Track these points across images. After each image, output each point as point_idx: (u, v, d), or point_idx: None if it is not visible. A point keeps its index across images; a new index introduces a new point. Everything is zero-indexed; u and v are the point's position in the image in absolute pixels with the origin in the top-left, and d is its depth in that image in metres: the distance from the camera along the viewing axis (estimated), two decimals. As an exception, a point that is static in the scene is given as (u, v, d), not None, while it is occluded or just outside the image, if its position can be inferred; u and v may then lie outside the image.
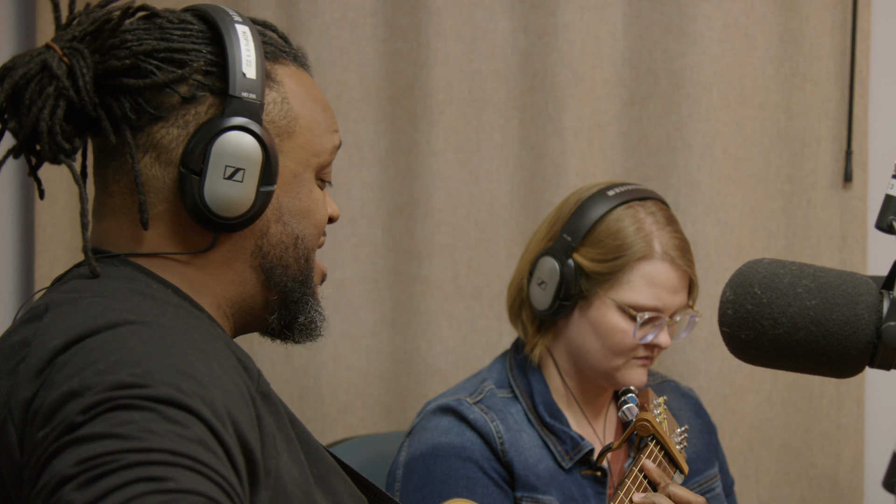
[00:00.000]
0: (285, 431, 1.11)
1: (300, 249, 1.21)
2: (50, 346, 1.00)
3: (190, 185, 1.12)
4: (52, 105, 1.10)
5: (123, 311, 1.04)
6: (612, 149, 2.40)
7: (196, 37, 1.15)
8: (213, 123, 1.12)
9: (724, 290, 1.09)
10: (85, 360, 0.97)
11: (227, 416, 0.96)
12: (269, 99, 1.17)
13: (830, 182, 2.39)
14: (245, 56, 1.14)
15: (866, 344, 1.03)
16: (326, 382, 2.40)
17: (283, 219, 1.18)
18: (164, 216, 1.15)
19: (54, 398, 0.94)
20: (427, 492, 1.75)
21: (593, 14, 2.37)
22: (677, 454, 1.62)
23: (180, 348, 1.00)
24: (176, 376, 0.95)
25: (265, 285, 1.20)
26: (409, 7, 2.39)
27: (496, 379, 1.88)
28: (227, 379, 1.01)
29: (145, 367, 0.95)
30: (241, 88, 1.13)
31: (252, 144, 1.13)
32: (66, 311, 1.06)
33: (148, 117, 1.13)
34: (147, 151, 1.13)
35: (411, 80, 2.39)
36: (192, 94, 1.13)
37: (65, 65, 1.11)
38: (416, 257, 2.40)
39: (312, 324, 1.24)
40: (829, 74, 2.37)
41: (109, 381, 0.93)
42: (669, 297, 1.79)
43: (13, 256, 2.43)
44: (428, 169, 2.38)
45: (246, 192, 1.13)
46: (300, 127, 1.19)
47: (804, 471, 2.41)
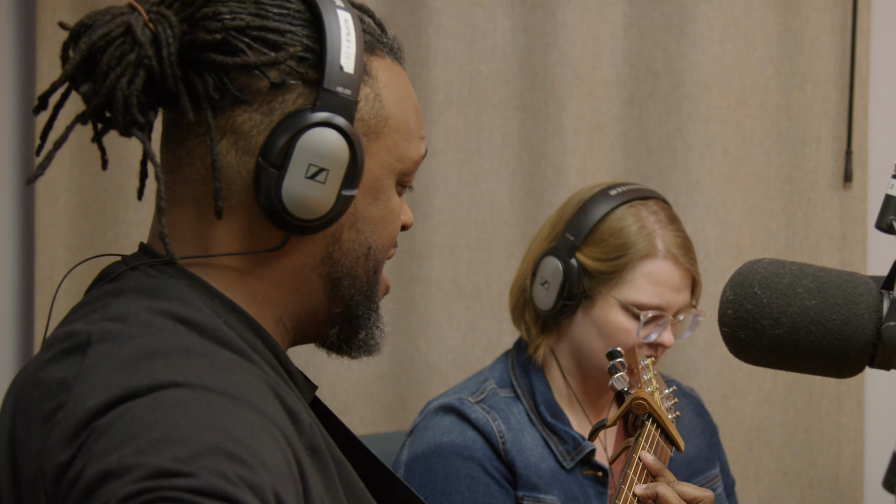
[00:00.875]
0: (333, 490, 1.04)
1: (371, 260, 1.12)
2: (88, 406, 0.91)
3: (267, 179, 1.02)
4: (132, 74, 1.00)
5: (170, 364, 0.94)
6: (612, 149, 2.40)
7: (294, 17, 1.05)
8: (302, 116, 1.03)
9: (723, 290, 1.09)
10: (125, 432, 0.88)
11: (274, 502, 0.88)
12: (362, 95, 1.07)
13: (830, 182, 2.39)
14: (345, 46, 1.04)
15: (866, 344, 1.03)
16: (327, 382, 2.40)
17: (357, 225, 1.10)
18: (234, 210, 1.06)
19: (91, 475, 0.86)
20: (429, 491, 1.75)
21: (593, 14, 2.37)
22: (673, 429, 1.60)
23: (227, 421, 0.91)
24: (221, 460, 0.86)
25: (330, 296, 1.11)
26: (409, 7, 2.39)
27: (498, 378, 1.88)
28: (276, 455, 0.92)
29: (188, 448, 0.86)
30: (336, 82, 1.03)
31: (340, 144, 1.03)
32: (108, 352, 0.96)
33: (231, 98, 1.03)
34: (225, 135, 1.04)
35: (411, 80, 2.37)
36: (281, 80, 1.03)
37: (149, 31, 1.00)
38: (416, 257, 2.40)
39: (372, 340, 1.16)
40: (829, 74, 2.37)
41: (151, 465, 0.84)
42: (672, 296, 1.80)
43: (13, 256, 2.43)
44: (428, 169, 2.38)
45: (327, 195, 1.04)
46: (389, 128, 1.10)
47: (804, 471, 2.41)
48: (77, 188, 2.36)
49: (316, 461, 1.02)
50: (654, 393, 1.59)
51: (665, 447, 1.60)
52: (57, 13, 2.32)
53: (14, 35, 2.40)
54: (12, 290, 2.43)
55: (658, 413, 1.56)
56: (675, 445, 1.60)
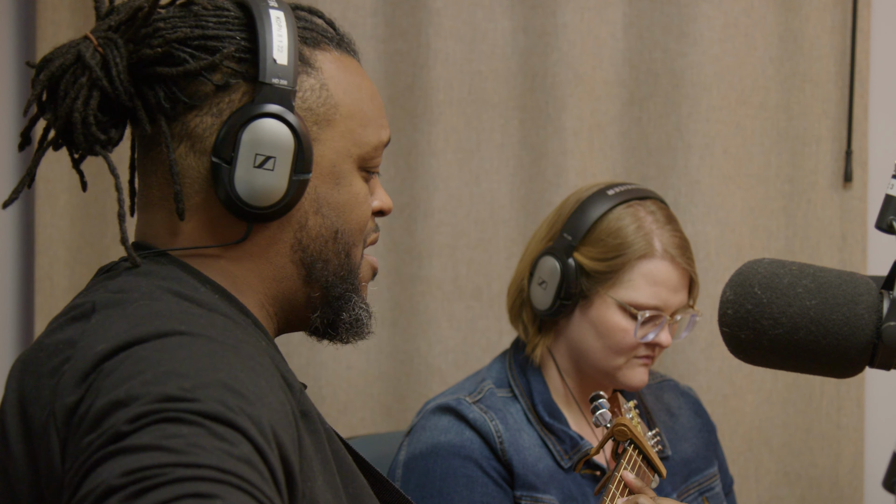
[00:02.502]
0: (322, 452, 1.09)
1: (340, 244, 1.17)
2: (97, 350, 0.98)
3: (222, 175, 1.10)
4: (86, 95, 1.08)
5: (173, 320, 1.02)
6: (612, 149, 2.40)
7: (231, 23, 1.13)
8: (243, 111, 1.10)
9: (723, 290, 1.09)
10: (132, 368, 0.95)
11: (272, 436, 0.94)
12: (307, 85, 1.14)
13: (830, 182, 2.39)
14: (277, 41, 1.11)
15: (866, 344, 1.03)
16: (326, 382, 2.41)
17: (321, 211, 1.15)
18: (199, 207, 1.13)
19: (100, 406, 0.92)
20: (427, 491, 1.75)
21: (593, 14, 2.37)
22: (655, 457, 1.63)
23: (228, 363, 0.98)
24: (223, 392, 0.93)
25: (306, 280, 1.17)
26: (409, 7, 2.39)
27: (495, 378, 1.88)
28: (273, 397, 0.99)
29: (193, 380, 0.93)
30: (271, 74, 1.10)
31: (282, 131, 1.10)
32: (114, 313, 1.04)
33: (182, 106, 1.11)
34: (182, 141, 1.11)
35: (411, 80, 2.39)
36: (225, 82, 1.11)
37: (99, 55, 1.09)
38: (416, 257, 2.40)
39: (358, 321, 1.21)
40: (829, 74, 2.37)
41: (157, 392, 0.91)
42: (670, 296, 1.80)
43: (13, 256, 2.43)
44: (428, 169, 2.38)
45: (277, 181, 1.10)
46: (340, 115, 1.16)
47: (804, 471, 2.41)
48: (77, 188, 2.36)
49: (307, 424, 1.07)
50: (637, 426, 1.61)
51: (647, 472, 1.63)
52: (57, 13, 2.32)
53: (14, 35, 2.40)
54: (12, 290, 2.43)
55: (639, 440, 1.58)
56: (657, 472, 1.63)
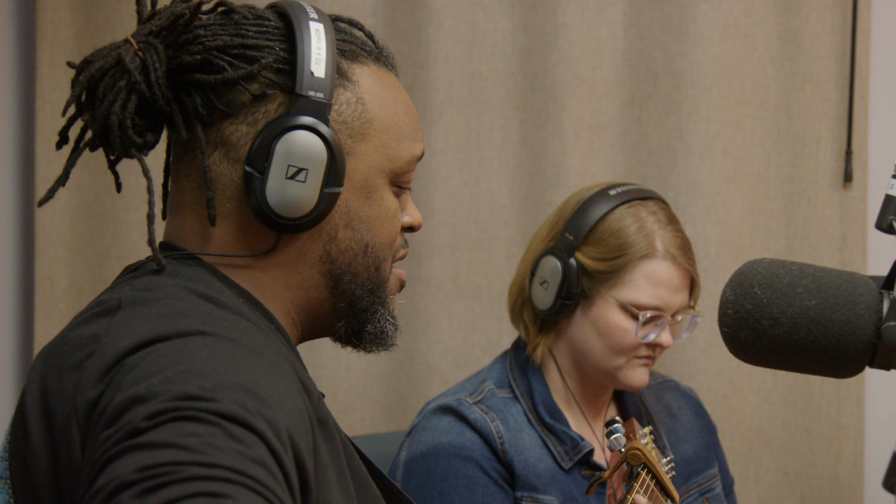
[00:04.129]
0: (338, 461, 1.09)
1: (370, 258, 1.18)
2: (119, 346, 0.99)
3: (254, 184, 1.11)
4: (124, 99, 1.09)
5: (196, 320, 1.03)
6: (612, 149, 2.40)
7: (271, 33, 1.14)
8: (279, 122, 1.11)
9: (723, 290, 1.09)
10: (154, 365, 0.95)
11: (288, 441, 0.94)
12: (343, 99, 1.15)
13: (830, 182, 2.39)
14: (315, 54, 1.12)
15: (866, 344, 1.03)
16: (326, 382, 2.41)
17: (351, 224, 1.16)
18: (231, 215, 1.14)
19: (120, 401, 0.93)
20: (427, 491, 1.75)
21: (593, 14, 2.37)
22: (668, 482, 1.62)
23: (249, 366, 0.98)
24: (242, 394, 0.93)
25: (333, 292, 1.18)
26: (409, 7, 2.39)
27: (496, 379, 1.88)
28: (292, 402, 0.99)
29: (213, 380, 0.94)
30: (308, 87, 1.11)
31: (316, 144, 1.11)
32: (138, 311, 1.04)
33: (219, 114, 1.12)
34: (216, 148, 1.13)
35: (411, 80, 2.39)
36: (262, 92, 1.12)
37: (138, 59, 1.10)
38: (416, 257, 2.40)
39: (382, 333, 1.23)
40: (829, 74, 2.37)
41: (177, 390, 0.92)
42: (671, 296, 1.80)
43: (13, 256, 2.43)
44: (428, 169, 2.38)
45: (308, 193, 1.11)
46: (375, 129, 1.17)
47: (804, 471, 2.41)
48: (77, 188, 2.36)
49: (323, 432, 1.07)
50: (652, 451, 1.61)
51: (660, 497, 1.62)
52: (57, 13, 2.32)
53: (14, 35, 2.40)
54: (12, 290, 2.43)
55: (652, 464, 1.58)
56: (669, 497, 1.63)
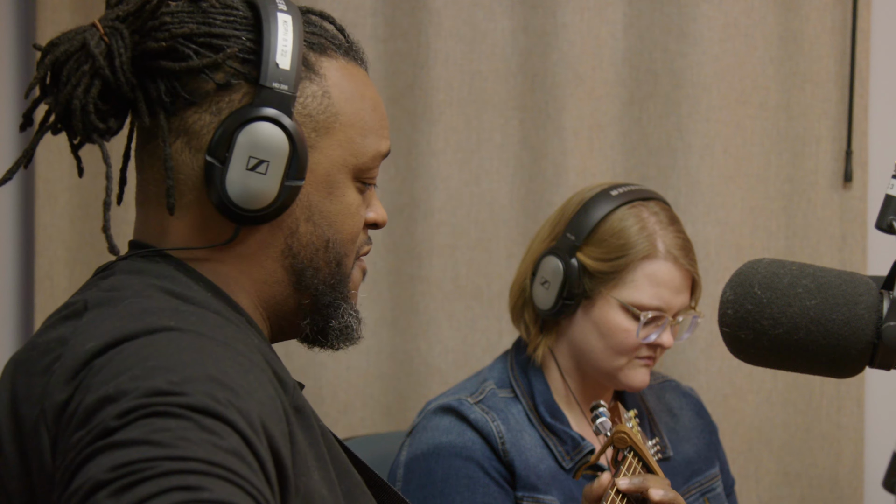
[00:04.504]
0: (317, 448, 1.09)
1: (331, 253, 1.17)
2: (87, 348, 0.99)
3: (214, 175, 1.10)
4: (87, 83, 1.08)
5: (163, 316, 1.02)
6: (612, 149, 2.40)
7: (239, 23, 1.13)
8: (241, 112, 1.09)
9: (723, 290, 1.09)
10: (122, 364, 0.95)
11: (261, 429, 0.94)
12: (309, 91, 1.14)
13: (830, 182, 2.39)
14: (281, 45, 1.11)
15: (866, 344, 1.03)
16: (326, 382, 2.40)
17: (312, 219, 1.15)
18: (191, 206, 1.13)
19: (90, 402, 0.93)
20: (428, 491, 1.75)
21: (593, 14, 2.37)
22: (654, 464, 1.62)
23: (218, 358, 0.98)
24: (212, 386, 0.93)
25: (296, 287, 1.17)
26: (409, 7, 2.39)
27: (497, 379, 1.88)
28: (263, 391, 0.99)
29: (182, 374, 0.93)
30: (272, 78, 1.10)
31: (278, 136, 1.09)
32: (104, 312, 1.04)
33: (182, 102, 1.11)
34: (179, 136, 1.11)
35: (411, 80, 2.39)
36: (227, 82, 1.11)
37: (104, 43, 1.09)
38: (416, 257, 2.40)
39: (348, 328, 1.22)
40: (829, 74, 2.37)
41: (146, 386, 0.91)
42: (672, 297, 1.80)
43: (13, 256, 2.43)
44: (428, 169, 2.38)
45: (269, 185, 1.10)
46: (340, 124, 1.15)
47: (804, 471, 2.41)
48: (77, 188, 2.36)
49: (300, 419, 1.07)
50: (637, 434, 1.61)
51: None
52: (57, 13, 2.32)
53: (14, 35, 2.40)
54: (12, 290, 2.43)
55: (639, 447, 1.58)
56: None
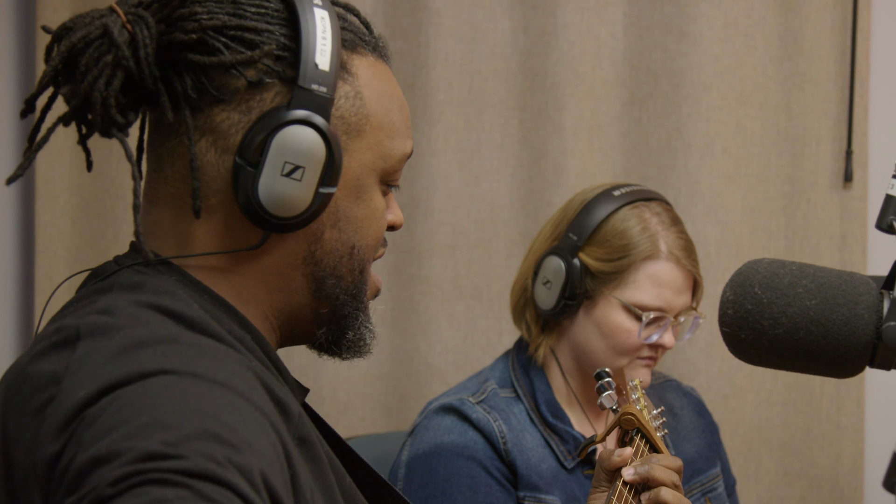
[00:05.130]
0: (323, 479, 1.05)
1: (355, 260, 1.12)
2: (79, 395, 0.92)
3: (244, 178, 1.03)
4: (109, 75, 1.01)
5: (158, 353, 0.95)
6: (612, 149, 2.40)
7: (271, 16, 1.06)
8: (277, 114, 1.03)
9: (724, 291, 1.09)
10: (114, 418, 0.89)
11: (262, 485, 0.89)
12: (342, 92, 1.08)
13: (830, 182, 2.39)
14: (320, 44, 1.05)
15: (866, 344, 1.03)
16: (327, 382, 2.41)
17: (339, 224, 1.10)
18: (215, 209, 1.06)
19: (81, 462, 0.87)
20: (430, 491, 1.75)
21: (593, 14, 2.37)
22: (662, 446, 1.61)
23: (215, 406, 0.92)
24: (209, 443, 0.87)
25: (315, 296, 1.11)
26: (409, 7, 2.39)
27: (499, 379, 1.88)
28: (262, 439, 0.93)
29: (177, 432, 0.87)
30: (311, 80, 1.04)
31: (316, 142, 1.04)
32: (97, 345, 0.97)
33: (209, 98, 1.04)
34: (204, 134, 1.05)
35: (411, 80, 2.39)
36: (259, 79, 1.04)
37: (127, 32, 1.02)
38: (416, 257, 2.40)
39: (361, 340, 1.16)
40: (829, 74, 2.37)
41: (140, 448, 0.85)
42: (674, 297, 1.80)
43: (13, 256, 2.43)
44: (428, 169, 2.38)
45: (304, 192, 1.04)
46: (371, 126, 1.10)
47: (804, 471, 2.41)
48: (77, 188, 2.36)
49: (305, 450, 1.03)
50: (643, 410, 1.60)
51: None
52: (57, 13, 2.32)
53: (14, 35, 2.40)
54: (12, 290, 2.43)
55: (646, 428, 1.57)
56: None
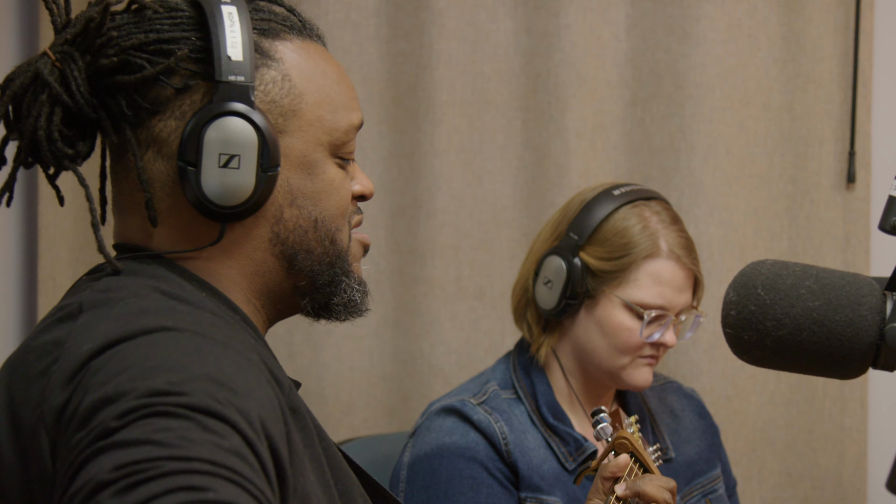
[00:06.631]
0: (313, 448, 1.09)
1: (321, 231, 1.17)
2: (84, 349, 0.98)
3: (188, 178, 1.10)
4: (48, 112, 1.09)
5: (159, 316, 1.02)
6: (615, 150, 2.40)
7: (186, 24, 1.12)
8: (203, 112, 1.09)
9: (727, 292, 1.09)
10: (120, 365, 0.94)
11: (261, 429, 0.94)
12: (268, 78, 1.13)
13: (833, 183, 2.39)
14: (230, 37, 1.10)
15: (869, 345, 1.03)
16: (329, 383, 2.41)
17: (296, 202, 1.15)
18: (170, 211, 1.13)
19: (89, 403, 0.92)
20: (432, 492, 1.75)
21: (596, 15, 2.37)
22: (655, 469, 1.62)
23: (216, 357, 0.98)
24: (212, 385, 0.93)
25: (290, 272, 1.17)
26: (412, 8, 2.39)
27: (500, 380, 1.88)
28: (261, 391, 0.99)
29: (181, 374, 0.93)
30: (227, 72, 1.09)
31: (244, 128, 1.09)
32: (100, 313, 1.04)
33: (145, 112, 1.11)
34: (149, 147, 1.12)
35: (414, 81, 2.39)
36: (184, 84, 1.10)
37: (57, 70, 1.10)
38: (418, 258, 2.40)
39: (352, 302, 1.21)
40: (832, 75, 2.37)
41: (145, 387, 0.91)
42: (675, 296, 1.80)
43: (17, 257, 2.44)
44: (431, 170, 2.38)
45: (245, 179, 1.10)
46: (307, 104, 1.15)
47: (807, 472, 2.41)
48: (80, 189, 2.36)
49: (296, 420, 1.07)
50: (638, 440, 1.62)
51: None
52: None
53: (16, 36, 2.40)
54: (15, 291, 2.43)
55: (639, 452, 1.59)
56: None
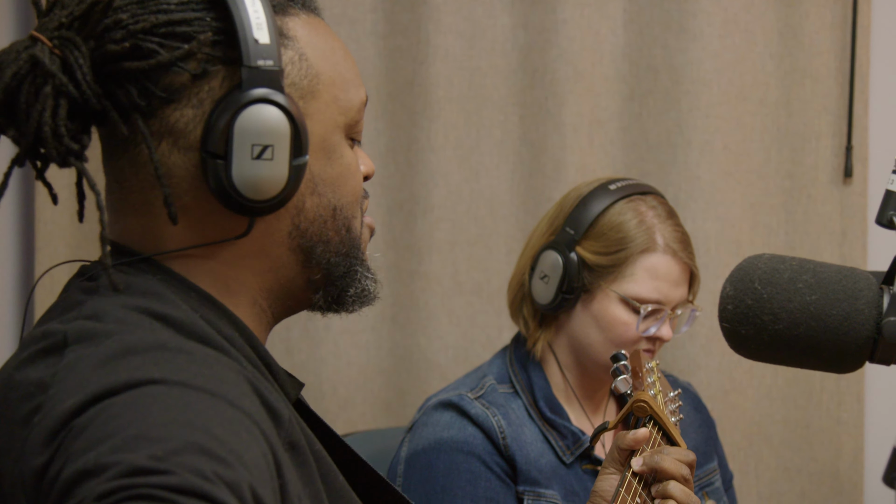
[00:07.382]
0: (312, 485, 1.04)
1: (339, 220, 1.10)
2: (66, 406, 0.90)
3: (215, 170, 1.01)
4: (53, 106, 0.98)
5: (147, 361, 0.93)
6: (612, 145, 2.40)
7: (196, 3, 1.02)
8: (231, 99, 1.01)
9: (724, 286, 1.09)
10: (102, 430, 0.87)
11: (251, 499, 0.87)
12: (286, 59, 1.05)
13: (830, 178, 2.39)
14: (254, 18, 1.01)
15: (866, 339, 1.03)
16: (326, 378, 2.41)
17: (317, 190, 1.08)
18: (190, 207, 1.04)
19: (69, 475, 0.85)
20: (430, 486, 1.75)
21: (593, 10, 2.37)
22: (676, 434, 1.59)
23: (204, 417, 0.89)
24: (198, 458, 0.85)
25: (305, 265, 1.10)
26: (409, 3, 2.38)
27: (496, 374, 1.88)
28: (251, 452, 0.91)
29: (165, 446, 0.85)
30: (255, 56, 1.00)
31: (278, 117, 1.01)
32: (86, 353, 0.95)
33: (158, 101, 1.01)
34: (163, 138, 1.02)
35: (411, 77, 2.39)
36: (203, 70, 1.01)
37: (58, 58, 0.98)
38: (415, 253, 2.40)
39: (365, 291, 1.14)
40: (829, 70, 2.37)
41: (127, 463, 0.83)
42: (671, 290, 1.80)
43: (13, 253, 2.43)
44: (427, 165, 2.38)
45: (279, 170, 1.02)
46: (323, 84, 1.08)
47: (804, 466, 2.41)
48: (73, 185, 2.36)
49: (294, 456, 1.02)
50: (657, 396, 1.58)
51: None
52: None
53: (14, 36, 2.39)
54: (12, 288, 2.43)
55: (659, 416, 1.55)
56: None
